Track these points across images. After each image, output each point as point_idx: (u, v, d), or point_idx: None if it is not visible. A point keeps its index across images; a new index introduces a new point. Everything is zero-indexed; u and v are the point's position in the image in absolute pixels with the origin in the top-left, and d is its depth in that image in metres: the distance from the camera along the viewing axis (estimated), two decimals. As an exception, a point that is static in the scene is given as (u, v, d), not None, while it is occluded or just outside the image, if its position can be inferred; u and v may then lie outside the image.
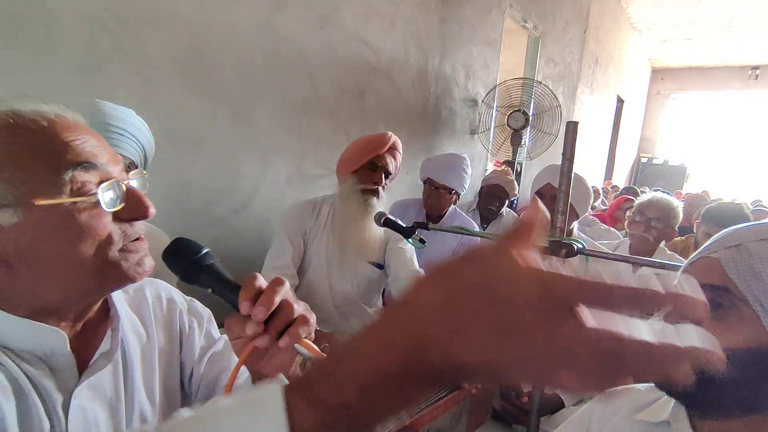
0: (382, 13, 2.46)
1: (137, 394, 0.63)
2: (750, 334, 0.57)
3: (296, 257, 1.55)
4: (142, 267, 0.55)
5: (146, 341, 0.66)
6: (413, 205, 2.29)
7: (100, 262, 0.51)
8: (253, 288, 0.51)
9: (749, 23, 6.96)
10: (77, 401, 0.54)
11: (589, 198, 1.62)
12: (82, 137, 0.51)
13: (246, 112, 1.85)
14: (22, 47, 1.21)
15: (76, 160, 0.49)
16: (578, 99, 5.87)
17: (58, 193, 0.48)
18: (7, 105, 0.49)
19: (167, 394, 0.68)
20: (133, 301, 0.67)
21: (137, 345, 0.64)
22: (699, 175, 10.53)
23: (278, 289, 0.51)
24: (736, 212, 2.35)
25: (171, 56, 1.56)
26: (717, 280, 0.61)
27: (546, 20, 4.48)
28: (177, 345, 0.71)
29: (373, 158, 1.52)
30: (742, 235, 0.62)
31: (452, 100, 3.30)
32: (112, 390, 0.59)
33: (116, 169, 0.54)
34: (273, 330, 0.50)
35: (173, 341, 0.71)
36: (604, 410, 0.80)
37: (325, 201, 1.66)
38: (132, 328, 0.65)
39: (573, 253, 0.98)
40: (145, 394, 0.64)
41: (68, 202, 0.48)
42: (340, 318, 1.63)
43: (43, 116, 0.50)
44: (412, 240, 1.26)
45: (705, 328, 0.60)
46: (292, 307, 0.51)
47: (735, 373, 0.57)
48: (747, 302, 0.58)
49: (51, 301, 0.52)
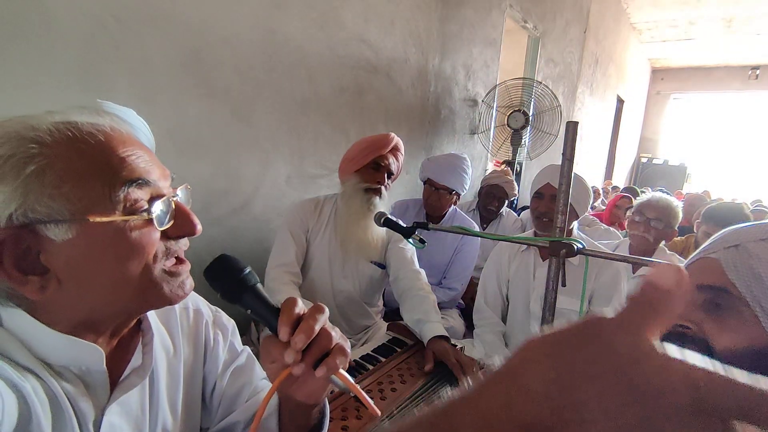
0: (382, 12, 2.46)
1: (161, 410, 0.62)
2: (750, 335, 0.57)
3: (300, 255, 1.56)
4: (183, 290, 0.55)
5: (173, 354, 0.65)
6: (413, 205, 2.28)
7: (145, 281, 0.51)
8: (293, 314, 0.51)
9: (749, 23, 6.96)
10: (108, 418, 0.53)
11: (589, 198, 1.62)
12: (136, 152, 0.51)
13: (245, 112, 1.85)
14: (20, 47, 1.20)
15: (130, 177, 0.49)
16: (578, 99, 5.87)
17: (112, 210, 0.47)
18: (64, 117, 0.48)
19: (188, 407, 0.67)
20: (161, 312, 0.66)
21: (164, 359, 0.64)
22: (699, 175, 10.53)
23: (318, 317, 0.51)
24: (737, 212, 2.35)
25: (170, 56, 1.55)
26: (716, 281, 0.60)
27: (546, 20, 4.48)
28: (201, 358, 0.70)
29: (376, 158, 1.54)
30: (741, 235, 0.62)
31: (452, 100, 3.30)
32: (138, 406, 0.59)
33: (166, 184, 0.54)
34: (310, 358, 0.50)
35: (198, 354, 0.69)
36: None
37: (327, 200, 1.67)
38: (160, 341, 0.64)
39: (573, 253, 0.98)
40: (169, 410, 0.63)
41: (121, 219, 0.48)
42: (341, 317, 1.63)
43: (100, 129, 0.49)
44: (412, 240, 1.26)
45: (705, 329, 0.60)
46: (330, 336, 0.51)
47: None
48: (747, 303, 0.57)
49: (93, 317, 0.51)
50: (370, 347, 1.36)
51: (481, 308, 1.75)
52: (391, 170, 1.58)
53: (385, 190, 1.56)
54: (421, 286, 1.49)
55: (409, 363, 1.26)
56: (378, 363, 1.24)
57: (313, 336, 0.50)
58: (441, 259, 2.14)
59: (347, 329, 1.65)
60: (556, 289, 1.02)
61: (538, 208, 1.60)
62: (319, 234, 1.60)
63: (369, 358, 1.28)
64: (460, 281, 2.13)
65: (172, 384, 0.64)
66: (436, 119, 3.16)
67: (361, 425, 0.96)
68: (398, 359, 1.27)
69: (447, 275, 2.16)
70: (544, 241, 1.04)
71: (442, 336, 1.30)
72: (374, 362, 1.25)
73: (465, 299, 2.26)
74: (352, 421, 0.96)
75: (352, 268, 1.61)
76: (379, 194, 1.54)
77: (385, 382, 1.14)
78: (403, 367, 1.23)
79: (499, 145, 3.79)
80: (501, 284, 1.74)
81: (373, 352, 1.32)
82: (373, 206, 1.52)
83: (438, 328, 1.32)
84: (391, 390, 1.10)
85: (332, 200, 1.66)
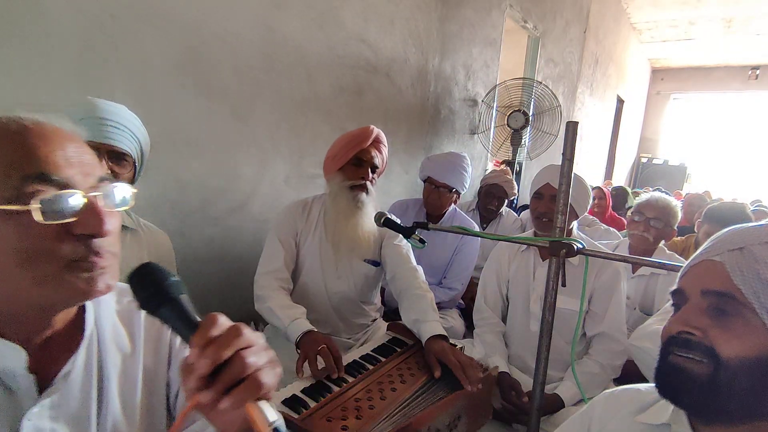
0: (382, 12, 2.45)
1: (111, 411, 0.59)
2: (757, 341, 0.56)
3: (289, 260, 1.53)
4: (93, 286, 0.52)
5: (130, 354, 0.63)
6: (413, 204, 2.28)
7: (40, 275, 0.49)
8: (207, 335, 0.45)
9: (749, 23, 6.96)
10: (32, 422, 0.52)
11: (588, 198, 1.62)
12: (52, 147, 0.50)
13: (244, 111, 1.85)
14: (18, 46, 1.20)
15: (32, 170, 0.48)
16: (578, 99, 5.87)
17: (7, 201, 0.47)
18: None
19: (149, 412, 0.64)
20: (124, 311, 0.65)
21: (118, 359, 0.61)
22: (699, 175, 10.52)
23: (232, 341, 0.45)
24: (739, 212, 2.35)
25: (168, 55, 1.55)
26: (722, 286, 0.59)
27: (546, 20, 4.48)
28: (165, 361, 0.67)
29: (357, 153, 1.49)
30: (745, 237, 0.61)
31: (452, 99, 3.30)
32: (79, 407, 0.56)
33: (85, 181, 0.52)
34: (218, 387, 0.45)
35: (161, 357, 0.67)
36: (604, 410, 0.79)
37: (315, 201, 1.64)
38: (115, 340, 0.62)
39: (573, 253, 0.98)
40: (121, 410, 0.60)
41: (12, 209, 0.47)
42: (338, 318, 1.62)
43: (18, 123, 0.49)
44: (412, 240, 1.26)
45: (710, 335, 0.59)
46: (244, 363, 0.45)
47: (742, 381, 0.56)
48: (754, 310, 0.56)
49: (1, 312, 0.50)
50: (370, 347, 1.35)
51: (481, 308, 1.75)
52: (375, 164, 1.53)
53: (371, 185, 1.53)
54: (418, 284, 1.46)
55: (409, 363, 1.25)
56: (378, 363, 1.24)
57: (220, 361, 0.45)
58: (441, 259, 2.14)
59: (345, 330, 1.64)
60: (556, 289, 1.02)
61: (537, 208, 1.60)
62: (309, 236, 1.57)
63: (369, 358, 1.27)
64: (461, 281, 2.13)
65: (126, 386, 0.62)
66: (436, 119, 3.16)
67: (361, 425, 0.95)
68: (398, 359, 1.26)
69: (447, 275, 2.15)
70: (544, 241, 1.03)
71: (441, 335, 1.28)
72: (374, 362, 1.24)
73: (465, 299, 2.26)
74: (352, 421, 0.96)
75: (345, 268, 1.58)
76: (364, 190, 1.51)
77: (385, 382, 1.14)
78: (403, 367, 1.22)
79: (499, 145, 3.79)
80: (501, 284, 1.73)
81: (373, 352, 1.32)
82: (360, 203, 1.50)
83: (435, 328, 1.30)
84: (391, 390, 1.10)
85: (321, 200, 1.63)
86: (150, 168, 1.55)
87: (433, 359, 1.21)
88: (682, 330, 0.61)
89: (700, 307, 0.61)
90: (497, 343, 1.65)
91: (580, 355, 1.59)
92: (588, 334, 1.57)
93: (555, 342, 1.20)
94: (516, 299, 1.68)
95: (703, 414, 0.62)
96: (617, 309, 1.53)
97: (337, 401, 1.03)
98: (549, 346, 1.04)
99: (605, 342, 1.53)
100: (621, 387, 0.81)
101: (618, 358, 1.52)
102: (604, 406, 0.80)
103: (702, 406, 0.60)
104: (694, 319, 0.61)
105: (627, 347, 1.49)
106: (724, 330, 0.58)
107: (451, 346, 1.24)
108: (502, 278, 1.73)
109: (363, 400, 1.05)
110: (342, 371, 1.17)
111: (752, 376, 0.56)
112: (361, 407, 1.01)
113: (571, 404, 1.45)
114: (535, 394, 1.06)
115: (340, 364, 1.19)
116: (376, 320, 1.74)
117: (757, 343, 0.56)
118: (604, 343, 1.53)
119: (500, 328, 1.71)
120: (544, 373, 1.05)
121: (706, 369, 0.58)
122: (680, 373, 0.60)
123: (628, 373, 1.58)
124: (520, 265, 1.67)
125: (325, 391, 1.09)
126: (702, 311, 0.61)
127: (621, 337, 1.52)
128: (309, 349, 1.20)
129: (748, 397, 0.57)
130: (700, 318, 0.60)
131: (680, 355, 0.60)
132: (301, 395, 1.07)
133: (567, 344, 1.56)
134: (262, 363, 0.47)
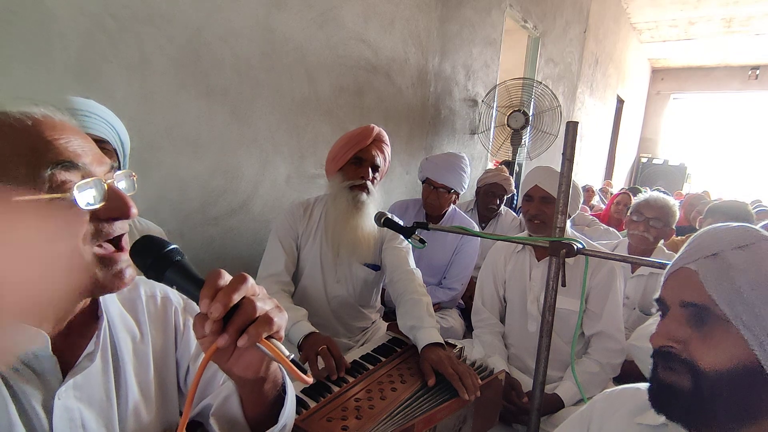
0: (382, 12, 2.45)
1: (131, 393, 0.63)
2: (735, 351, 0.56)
3: (290, 263, 1.50)
4: (120, 279, 0.55)
5: (139, 339, 0.67)
6: (413, 205, 2.28)
7: (75, 263, 0.51)
8: (214, 285, 0.50)
9: (749, 23, 6.96)
10: (62, 402, 0.54)
11: (579, 198, 1.64)
12: (66, 137, 0.52)
13: (244, 111, 1.85)
14: (18, 46, 1.20)
15: (56, 159, 0.50)
16: (578, 99, 5.87)
17: (37, 191, 0.48)
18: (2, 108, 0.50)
19: (162, 390, 0.69)
20: (126, 300, 0.68)
21: (129, 343, 0.65)
22: (699, 175, 10.52)
23: (239, 287, 0.50)
24: (741, 209, 2.35)
25: (168, 55, 1.55)
26: (697, 297, 0.60)
27: (546, 20, 4.47)
28: (172, 343, 0.72)
29: (358, 153, 1.46)
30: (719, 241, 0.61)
31: (452, 99, 3.30)
32: (101, 390, 0.60)
33: (100, 169, 0.54)
34: (232, 328, 0.49)
35: (168, 339, 0.71)
36: (604, 410, 0.79)
37: (317, 202, 1.61)
38: (124, 327, 0.65)
39: (573, 253, 0.98)
40: (139, 391, 0.65)
41: (45, 198, 0.48)
42: (337, 322, 1.61)
43: (29, 116, 0.51)
44: (412, 240, 1.25)
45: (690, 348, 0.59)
46: (253, 304, 0.50)
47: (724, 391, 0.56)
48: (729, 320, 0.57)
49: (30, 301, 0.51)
50: (370, 347, 1.35)
51: (478, 310, 1.75)
52: (376, 163, 1.49)
53: (371, 185, 1.49)
54: (415, 288, 1.41)
55: (409, 363, 1.25)
56: (378, 363, 1.24)
57: (231, 305, 0.49)
58: (441, 259, 2.14)
59: (344, 332, 1.63)
60: (556, 289, 1.02)
61: (528, 210, 1.59)
62: (310, 238, 1.55)
63: (369, 358, 1.27)
64: (460, 281, 2.13)
65: (140, 367, 0.65)
66: (436, 119, 3.16)
67: (361, 425, 0.95)
68: (398, 359, 1.26)
69: (447, 275, 2.15)
70: (544, 240, 1.04)
71: (437, 343, 1.22)
72: (374, 362, 1.24)
73: (465, 299, 2.26)
74: (352, 421, 0.96)
75: (345, 273, 1.56)
76: (365, 190, 1.47)
77: (385, 382, 1.14)
78: (403, 367, 1.22)
79: (499, 145, 3.79)
80: (498, 285, 1.73)
81: (373, 352, 1.32)
82: (360, 203, 1.46)
83: (431, 335, 1.23)
84: (391, 390, 1.10)
85: (323, 202, 1.60)
86: (150, 168, 1.56)
87: (428, 367, 1.15)
88: (663, 345, 0.62)
89: (681, 317, 0.62)
90: (496, 344, 1.65)
91: (578, 354, 1.59)
92: (586, 333, 1.58)
93: (554, 342, 1.20)
94: (513, 300, 1.68)
95: (694, 424, 0.62)
96: (614, 308, 1.53)
97: (337, 401, 1.03)
98: (549, 346, 1.04)
99: (603, 341, 1.53)
100: (620, 386, 0.81)
101: (617, 356, 1.52)
102: (604, 405, 0.80)
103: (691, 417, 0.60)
104: (675, 331, 0.61)
105: (625, 346, 1.49)
106: (703, 341, 0.59)
107: (447, 355, 1.17)
108: (498, 279, 1.73)
109: (363, 400, 1.05)
110: (342, 371, 1.17)
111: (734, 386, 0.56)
112: (361, 407, 1.01)
113: (570, 404, 1.45)
114: (535, 394, 1.06)
115: (341, 364, 1.18)
116: (376, 321, 1.74)
117: (735, 354, 0.56)
118: (603, 342, 1.53)
119: (499, 329, 1.72)
120: (543, 373, 1.05)
121: (687, 382, 0.59)
122: (667, 388, 0.61)
123: (628, 373, 1.58)
124: (516, 266, 1.67)
125: (326, 391, 1.09)
126: (682, 322, 0.61)
127: (619, 336, 1.52)
128: (310, 351, 1.20)
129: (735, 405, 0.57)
130: (680, 329, 0.61)
131: (665, 369, 0.62)
132: (301, 395, 1.07)
133: (566, 344, 1.57)
134: (270, 307, 0.52)
